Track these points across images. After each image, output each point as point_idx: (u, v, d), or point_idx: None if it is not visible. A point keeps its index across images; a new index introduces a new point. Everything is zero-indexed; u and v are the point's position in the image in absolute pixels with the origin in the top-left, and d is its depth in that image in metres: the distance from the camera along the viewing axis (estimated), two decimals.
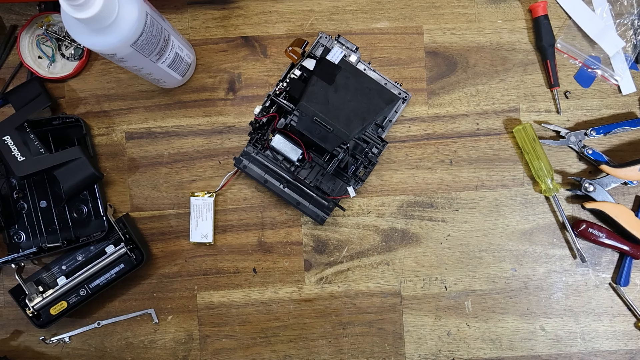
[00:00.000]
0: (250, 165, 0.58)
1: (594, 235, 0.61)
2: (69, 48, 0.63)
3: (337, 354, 0.63)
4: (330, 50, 0.55)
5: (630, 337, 0.63)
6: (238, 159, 0.58)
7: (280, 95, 0.56)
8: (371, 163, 0.57)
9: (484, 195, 0.63)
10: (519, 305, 0.63)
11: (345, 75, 0.55)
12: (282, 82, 0.56)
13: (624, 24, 0.64)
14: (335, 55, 0.55)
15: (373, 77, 0.56)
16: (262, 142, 0.58)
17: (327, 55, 0.55)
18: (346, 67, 0.55)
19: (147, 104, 0.63)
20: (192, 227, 0.62)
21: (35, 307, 0.59)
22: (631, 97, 0.64)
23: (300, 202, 0.58)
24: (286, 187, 0.58)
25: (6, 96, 0.61)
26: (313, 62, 0.55)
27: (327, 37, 0.55)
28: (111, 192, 0.63)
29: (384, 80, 0.55)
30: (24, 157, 0.57)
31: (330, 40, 0.55)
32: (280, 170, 0.58)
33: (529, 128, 0.61)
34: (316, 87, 0.54)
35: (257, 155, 0.58)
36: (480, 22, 0.64)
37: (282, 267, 0.63)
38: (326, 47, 0.55)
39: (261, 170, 0.58)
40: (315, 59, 0.55)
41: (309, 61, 0.55)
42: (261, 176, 0.58)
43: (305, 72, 0.55)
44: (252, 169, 0.58)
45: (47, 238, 0.61)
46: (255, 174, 0.58)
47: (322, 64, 0.55)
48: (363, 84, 0.55)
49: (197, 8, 0.64)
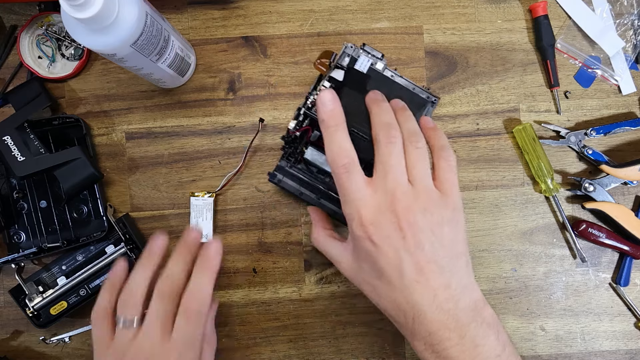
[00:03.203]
0: (285, 179, 0.57)
1: (594, 235, 0.61)
2: (69, 48, 0.63)
3: (337, 354, 0.63)
4: (357, 60, 0.55)
5: (630, 337, 0.63)
6: (272, 173, 0.57)
7: (313, 108, 0.55)
8: None
9: (483, 195, 0.63)
10: (519, 305, 0.63)
11: (375, 84, 0.55)
12: (311, 96, 0.56)
13: (624, 24, 0.64)
14: (363, 64, 0.55)
15: (401, 82, 0.55)
16: (295, 156, 0.57)
17: (355, 65, 0.55)
18: (375, 76, 0.55)
19: (147, 104, 0.63)
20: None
21: (35, 307, 0.59)
22: (631, 97, 0.64)
23: (337, 212, 0.57)
24: (321, 198, 0.57)
25: (6, 96, 0.61)
26: (341, 72, 0.55)
27: (352, 46, 0.55)
28: (111, 192, 0.63)
29: (411, 85, 0.55)
30: (24, 157, 0.57)
31: (356, 49, 0.55)
32: (315, 182, 0.57)
33: (529, 128, 0.61)
34: (349, 98, 0.53)
35: (290, 169, 0.57)
36: (480, 22, 0.64)
37: (282, 267, 0.63)
38: (352, 57, 0.55)
39: (296, 183, 0.57)
40: (343, 69, 0.55)
41: (336, 72, 0.55)
42: (297, 189, 0.57)
43: (334, 83, 0.55)
44: (287, 183, 0.57)
45: (47, 238, 0.61)
46: (291, 188, 0.57)
47: (351, 74, 0.55)
48: (393, 91, 0.55)
49: (197, 8, 0.64)
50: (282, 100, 0.63)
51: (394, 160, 0.45)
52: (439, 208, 0.44)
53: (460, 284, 0.44)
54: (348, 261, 0.47)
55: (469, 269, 0.45)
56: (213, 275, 0.50)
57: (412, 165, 0.45)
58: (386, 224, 0.43)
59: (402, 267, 0.43)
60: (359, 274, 0.46)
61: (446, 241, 0.44)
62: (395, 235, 0.43)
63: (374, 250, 0.43)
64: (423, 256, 0.43)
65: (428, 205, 0.44)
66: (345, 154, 0.45)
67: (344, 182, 0.45)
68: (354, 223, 0.44)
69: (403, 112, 0.50)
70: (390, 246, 0.43)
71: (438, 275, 0.43)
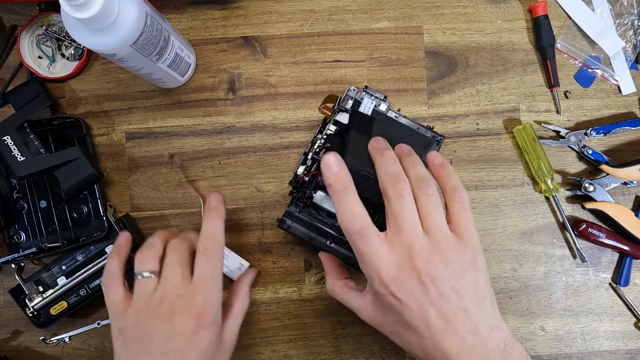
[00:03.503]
0: (294, 225, 0.56)
1: (594, 235, 0.61)
2: (69, 48, 0.63)
3: (337, 354, 0.63)
4: (361, 102, 0.55)
5: (630, 337, 0.63)
6: (282, 220, 0.56)
7: (320, 153, 0.55)
8: None
9: (483, 195, 0.63)
10: (519, 305, 0.63)
11: (380, 126, 0.55)
12: (318, 140, 0.56)
13: (624, 24, 0.64)
14: (367, 107, 0.55)
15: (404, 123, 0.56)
16: (304, 200, 0.57)
17: (359, 108, 0.55)
18: (379, 118, 0.55)
19: (147, 104, 0.63)
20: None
21: (35, 307, 0.59)
22: (631, 97, 0.64)
23: (349, 257, 0.56)
24: (332, 242, 0.57)
25: (6, 96, 0.61)
26: (346, 115, 0.55)
27: (355, 89, 0.55)
28: (111, 192, 0.63)
29: (415, 125, 0.55)
30: (24, 157, 0.57)
31: (359, 92, 0.55)
32: (324, 226, 0.56)
33: (529, 128, 0.61)
34: (356, 142, 0.53)
35: (299, 214, 0.57)
36: (480, 22, 0.64)
37: (282, 267, 0.63)
38: (356, 100, 0.55)
39: (305, 228, 0.57)
40: (347, 112, 0.55)
41: (341, 115, 0.55)
42: (307, 235, 0.56)
43: (340, 126, 0.55)
44: (297, 229, 0.56)
45: (47, 238, 0.61)
46: (301, 234, 0.56)
47: (357, 117, 0.55)
48: (398, 133, 0.55)
49: (197, 8, 0.64)
50: (282, 100, 0.63)
51: (406, 213, 0.44)
52: (459, 254, 0.44)
53: (487, 326, 0.44)
54: (369, 311, 0.47)
55: (494, 309, 0.45)
56: (221, 219, 0.51)
57: (426, 214, 0.45)
58: (408, 280, 0.43)
59: (429, 319, 0.43)
60: (384, 323, 0.46)
61: (469, 287, 0.44)
62: (418, 289, 0.43)
63: (398, 305, 0.43)
64: (448, 306, 0.43)
65: (447, 255, 0.44)
66: (358, 219, 0.45)
67: (359, 247, 0.45)
68: (374, 282, 0.44)
69: (409, 158, 0.48)
70: (414, 300, 0.43)
71: (465, 321, 0.43)
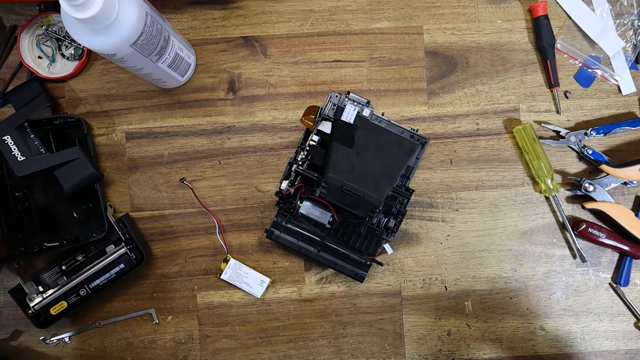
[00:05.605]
0: (282, 235, 0.58)
1: (594, 235, 0.61)
2: (69, 48, 0.63)
3: (337, 354, 0.63)
4: (344, 110, 0.55)
5: (630, 337, 0.63)
6: (269, 230, 0.58)
7: (303, 165, 0.56)
8: (401, 213, 0.58)
9: (484, 195, 0.63)
10: (519, 305, 0.63)
11: (363, 134, 0.55)
12: (301, 151, 0.56)
13: (624, 24, 0.64)
14: (350, 114, 0.55)
15: (387, 128, 0.55)
16: (290, 211, 0.57)
17: (341, 116, 0.55)
18: (362, 124, 0.55)
19: (147, 104, 0.63)
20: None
21: (35, 307, 0.59)
22: (631, 97, 0.64)
23: (337, 264, 0.57)
24: (320, 250, 0.58)
25: (6, 96, 0.61)
26: (328, 124, 0.55)
27: (337, 95, 0.55)
28: (111, 192, 0.63)
29: (399, 129, 0.55)
30: (24, 157, 0.57)
31: (341, 98, 0.55)
32: (312, 235, 0.57)
33: (529, 128, 0.61)
34: (338, 154, 0.53)
35: (287, 224, 0.58)
36: (480, 22, 0.64)
37: (282, 267, 0.63)
38: (338, 107, 0.55)
39: (293, 238, 0.58)
40: (330, 120, 0.55)
41: (324, 124, 0.54)
42: (295, 244, 0.58)
43: (323, 137, 0.55)
44: (285, 238, 0.58)
45: (47, 238, 0.61)
46: (289, 243, 0.58)
47: (339, 127, 0.55)
48: (382, 139, 0.55)
49: (197, 8, 0.64)
50: (282, 100, 0.63)
51: None
52: None
53: None
54: None
55: None
56: None
57: None
58: None
59: None
60: None
61: None
62: None
63: None
64: None
65: None
66: None
67: None
68: None
69: None
70: None
71: None
